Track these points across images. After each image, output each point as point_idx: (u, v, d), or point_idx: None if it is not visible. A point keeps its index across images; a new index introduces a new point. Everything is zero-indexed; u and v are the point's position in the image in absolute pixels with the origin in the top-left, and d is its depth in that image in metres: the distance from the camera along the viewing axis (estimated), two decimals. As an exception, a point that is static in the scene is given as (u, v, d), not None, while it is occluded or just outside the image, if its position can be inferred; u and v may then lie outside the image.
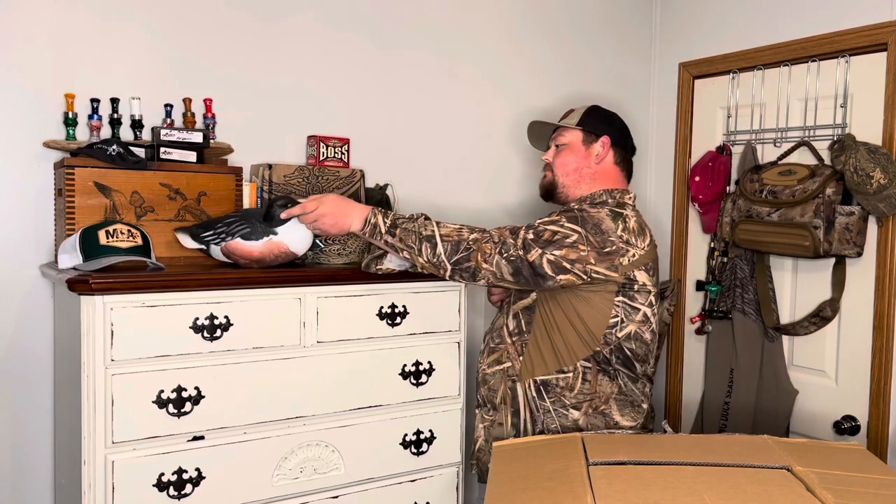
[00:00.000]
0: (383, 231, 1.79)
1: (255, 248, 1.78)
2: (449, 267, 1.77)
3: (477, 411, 2.04)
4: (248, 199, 2.04)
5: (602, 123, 2.01)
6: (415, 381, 1.98)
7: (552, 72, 2.75)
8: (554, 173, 2.02)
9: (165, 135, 1.88)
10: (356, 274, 1.89)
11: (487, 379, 2.00)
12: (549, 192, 2.03)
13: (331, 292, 1.85)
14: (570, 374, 1.87)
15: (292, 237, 1.82)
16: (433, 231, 1.78)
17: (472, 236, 1.78)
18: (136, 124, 1.99)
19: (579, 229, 1.80)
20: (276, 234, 1.80)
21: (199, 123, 2.10)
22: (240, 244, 1.78)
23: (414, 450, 1.99)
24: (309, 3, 2.27)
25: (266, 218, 1.81)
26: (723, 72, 2.67)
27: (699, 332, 2.74)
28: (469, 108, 2.59)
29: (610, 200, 1.93)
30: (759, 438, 1.64)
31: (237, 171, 1.98)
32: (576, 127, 2.00)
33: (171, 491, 1.67)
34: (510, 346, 1.95)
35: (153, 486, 1.65)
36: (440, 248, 1.77)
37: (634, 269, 1.83)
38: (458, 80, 2.55)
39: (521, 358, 1.92)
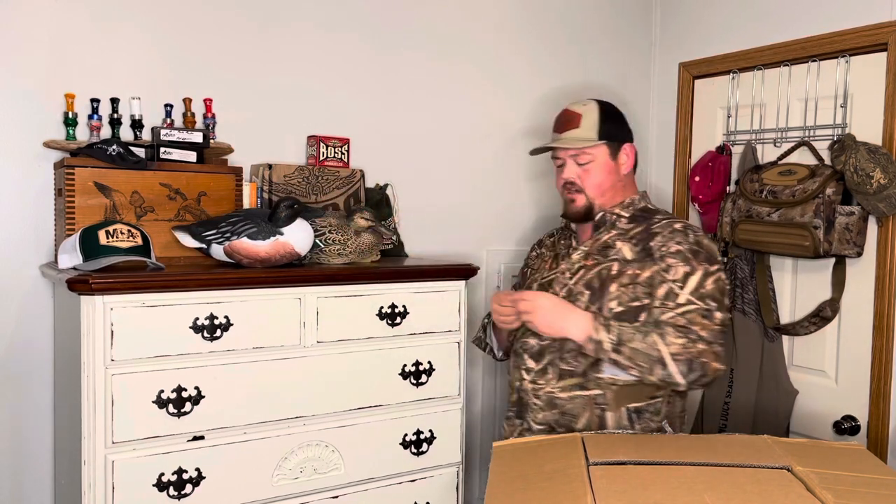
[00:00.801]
0: (609, 349, 1.73)
1: (261, 247, 1.79)
2: (685, 384, 1.75)
3: (525, 434, 1.90)
4: (248, 199, 2.04)
5: (620, 129, 1.94)
6: (415, 381, 1.98)
7: (552, 72, 2.75)
8: (588, 196, 1.90)
9: (165, 135, 1.89)
10: (356, 274, 1.89)
11: (559, 403, 1.84)
12: (585, 215, 1.92)
13: (331, 292, 1.85)
14: (660, 399, 1.85)
15: (297, 237, 1.82)
16: (662, 351, 1.72)
17: (699, 348, 1.73)
18: (136, 124, 1.99)
19: (716, 266, 1.84)
20: (282, 234, 1.80)
21: (199, 123, 2.10)
22: (246, 243, 1.78)
23: (414, 450, 1.99)
24: (309, 4, 2.27)
25: (271, 218, 1.81)
26: (723, 72, 2.67)
27: None
28: (468, 108, 2.59)
29: (644, 204, 1.95)
30: (759, 438, 1.63)
31: (237, 171, 1.98)
32: (600, 142, 1.90)
33: (171, 491, 1.67)
34: (598, 373, 1.83)
35: (153, 486, 1.65)
36: (672, 370, 1.72)
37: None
38: (457, 80, 2.56)
39: (613, 387, 1.82)
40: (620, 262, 1.84)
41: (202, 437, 1.70)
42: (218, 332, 1.71)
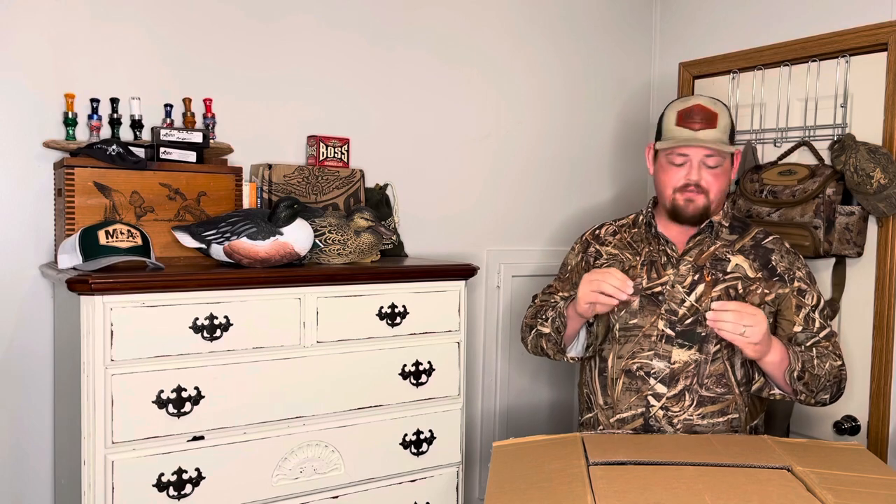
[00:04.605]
0: (796, 377, 1.72)
1: (261, 247, 1.78)
2: (830, 403, 1.82)
3: None
4: (248, 199, 2.04)
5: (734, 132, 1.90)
6: (415, 381, 1.98)
7: (552, 72, 2.75)
8: (709, 199, 1.80)
9: (165, 135, 1.88)
10: (356, 274, 1.89)
11: (700, 430, 1.78)
12: (700, 218, 1.83)
13: (331, 292, 1.85)
14: (763, 415, 1.90)
15: (297, 237, 1.82)
16: (826, 377, 1.75)
17: (845, 370, 1.81)
18: (136, 124, 1.99)
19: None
20: (282, 234, 1.80)
21: (199, 123, 2.10)
22: (245, 243, 1.78)
23: (414, 450, 1.99)
24: (309, 3, 2.27)
25: (271, 218, 1.81)
26: (723, 72, 2.67)
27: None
28: (468, 109, 2.59)
29: (732, 212, 1.95)
30: (759, 438, 1.63)
31: (237, 171, 1.98)
32: (731, 146, 1.83)
33: (171, 491, 1.67)
34: (738, 397, 1.80)
35: (153, 486, 1.65)
36: (831, 392, 1.78)
37: None
38: (457, 80, 2.55)
39: (746, 409, 1.82)
40: (744, 280, 1.80)
41: (202, 438, 1.70)
42: (218, 333, 1.71)
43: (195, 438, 1.69)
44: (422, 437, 2.00)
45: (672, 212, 1.84)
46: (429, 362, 2.00)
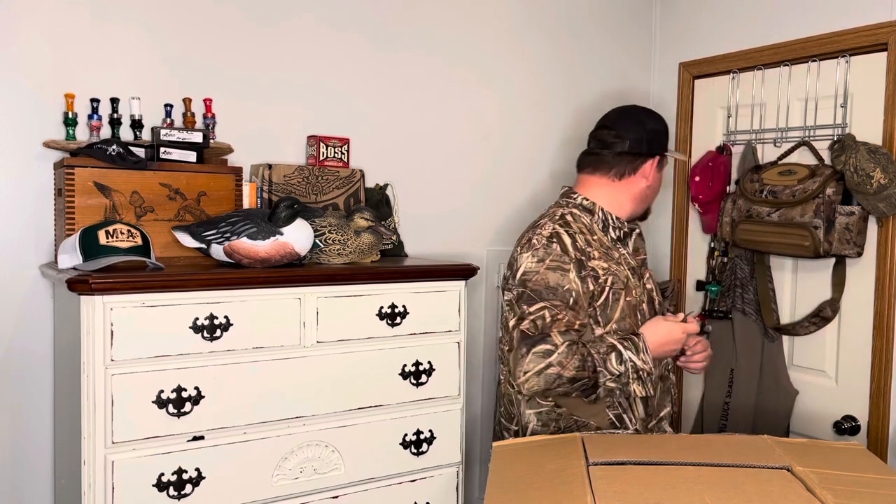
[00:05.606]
0: None
1: (261, 247, 1.78)
2: None
3: None
4: (248, 199, 2.04)
5: None
6: (415, 381, 1.98)
7: (552, 72, 2.75)
8: None
9: (165, 135, 1.89)
10: (356, 274, 1.89)
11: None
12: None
13: (331, 292, 1.85)
14: None
15: (297, 237, 1.82)
16: None
17: None
18: (136, 124, 1.99)
19: None
20: (282, 234, 1.80)
21: (199, 123, 2.10)
22: (245, 243, 1.78)
23: (414, 450, 1.99)
24: (309, 4, 2.27)
25: (271, 218, 1.81)
26: (723, 72, 2.67)
27: (699, 332, 2.73)
28: (468, 109, 2.59)
29: None
30: (759, 438, 1.63)
31: (237, 171, 1.98)
32: None
33: (171, 491, 1.67)
34: None
35: (153, 486, 1.65)
36: None
37: None
38: (457, 80, 2.55)
39: None
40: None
41: (202, 438, 1.70)
42: (218, 332, 1.71)
43: (195, 438, 1.69)
44: (422, 437, 2.00)
45: (643, 216, 2.05)
46: (429, 362, 2.00)
